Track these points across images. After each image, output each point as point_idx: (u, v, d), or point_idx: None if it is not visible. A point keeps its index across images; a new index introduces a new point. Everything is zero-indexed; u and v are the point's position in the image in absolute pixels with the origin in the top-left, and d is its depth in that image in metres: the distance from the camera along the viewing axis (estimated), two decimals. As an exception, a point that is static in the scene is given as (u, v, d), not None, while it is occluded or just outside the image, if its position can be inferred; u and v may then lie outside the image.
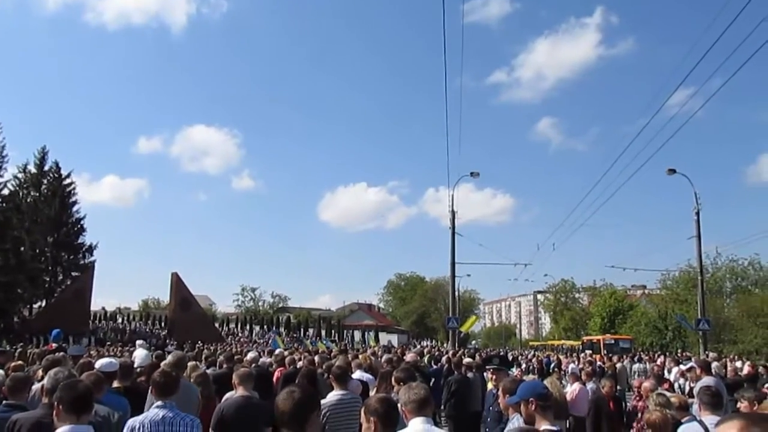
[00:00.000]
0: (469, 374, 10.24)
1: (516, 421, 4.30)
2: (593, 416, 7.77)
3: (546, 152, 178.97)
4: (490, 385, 10.10)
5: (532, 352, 43.75)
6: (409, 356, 11.77)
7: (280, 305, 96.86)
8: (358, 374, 8.46)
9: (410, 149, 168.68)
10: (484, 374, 11.33)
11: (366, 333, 61.71)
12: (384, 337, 62.04)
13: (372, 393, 7.25)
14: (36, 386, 5.49)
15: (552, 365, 27.32)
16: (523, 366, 24.52)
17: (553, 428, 3.79)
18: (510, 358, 39.47)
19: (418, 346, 36.53)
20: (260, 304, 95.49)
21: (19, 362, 8.82)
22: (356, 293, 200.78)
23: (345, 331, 71.69)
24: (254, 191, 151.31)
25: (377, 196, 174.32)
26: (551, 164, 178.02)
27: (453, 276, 27.99)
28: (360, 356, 11.61)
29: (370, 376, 8.70)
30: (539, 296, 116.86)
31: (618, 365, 21.07)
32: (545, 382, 6.84)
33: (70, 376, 4.47)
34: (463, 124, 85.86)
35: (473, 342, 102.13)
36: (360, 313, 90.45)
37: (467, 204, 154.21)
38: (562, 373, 20.11)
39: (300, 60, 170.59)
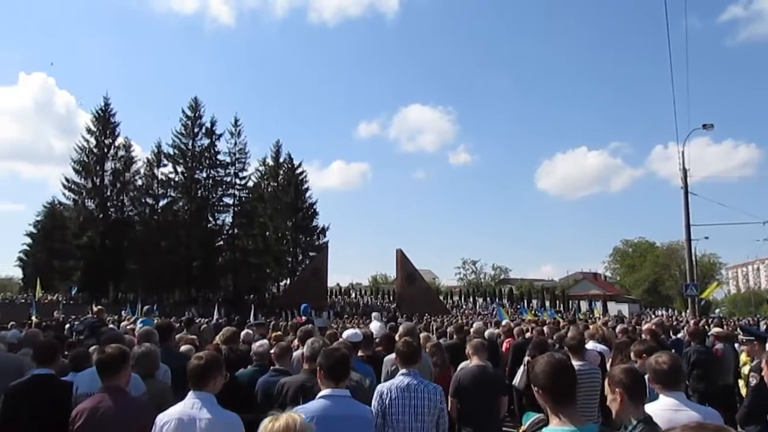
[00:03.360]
0: (718, 345, 9.36)
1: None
2: None
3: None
4: (743, 357, 9.18)
5: (792, 321, 38.52)
6: (646, 326, 11.09)
7: (502, 277, 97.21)
8: (591, 345, 8.21)
9: (631, 106, 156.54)
10: (735, 345, 10.32)
11: (593, 303, 59.30)
12: (613, 307, 59.06)
13: (608, 364, 6.99)
14: (296, 354, 6.23)
15: (819, 335, 23.83)
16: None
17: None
18: (764, 327, 35.33)
19: (654, 317, 34.21)
20: (481, 276, 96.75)
21: (279, 333, 9.98)
22: (580, 262, 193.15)
23: (570, 302, 69.65)
24: (471, 165, 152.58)
25: (598, 160, 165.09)
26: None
27: (689, 239, 25.87)
28: (591, 326, 11.22)
29: (604, 347, 8.41)
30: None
31: None
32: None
33: (324, 345, 4.98)
34: (691, 71, 77.55)
35: (716, 310, 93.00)
36: (585, 282, 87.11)
37: (702, 159, 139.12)
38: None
39: (507, 30, 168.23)
